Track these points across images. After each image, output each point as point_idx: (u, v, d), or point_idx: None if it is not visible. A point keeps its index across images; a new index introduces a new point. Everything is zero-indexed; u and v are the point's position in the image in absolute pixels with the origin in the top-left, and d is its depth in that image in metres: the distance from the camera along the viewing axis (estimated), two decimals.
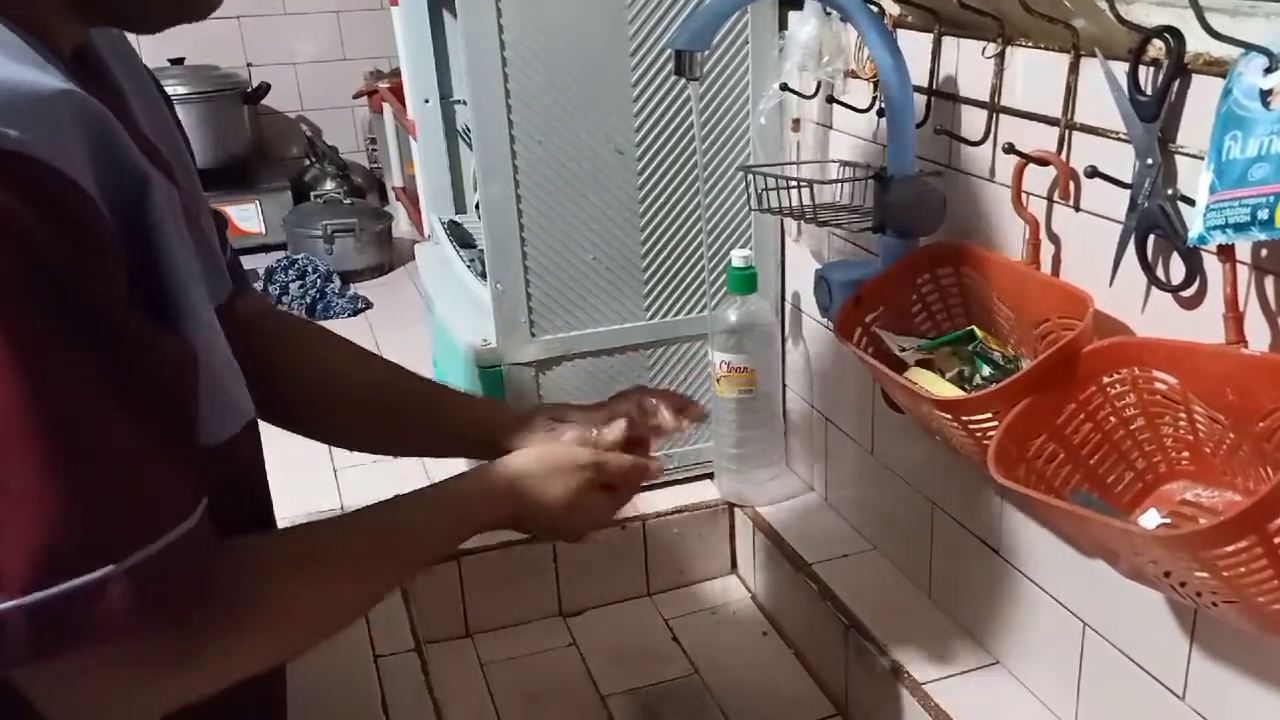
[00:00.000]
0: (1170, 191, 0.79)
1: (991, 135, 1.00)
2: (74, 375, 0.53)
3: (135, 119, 0.68)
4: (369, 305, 2.28)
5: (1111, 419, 0.86)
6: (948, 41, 1.04)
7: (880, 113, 1.13)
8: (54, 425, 0.52)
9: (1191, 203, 0.75)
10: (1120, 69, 0.82)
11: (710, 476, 1.50)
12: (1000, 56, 0.97)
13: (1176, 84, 0.78)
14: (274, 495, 0.83)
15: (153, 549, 0.55)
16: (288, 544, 0.72)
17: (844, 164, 1.19)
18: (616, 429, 0.93)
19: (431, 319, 1.75)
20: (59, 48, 0.60)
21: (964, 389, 0.97)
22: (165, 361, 0.60)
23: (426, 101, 1.97)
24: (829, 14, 1.16)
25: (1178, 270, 0.81)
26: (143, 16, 0.65)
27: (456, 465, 0.96)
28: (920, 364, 1.01)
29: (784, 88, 1.28)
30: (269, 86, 2.74)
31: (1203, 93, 0.76)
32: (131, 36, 0.74)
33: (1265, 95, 0.68)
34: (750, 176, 1.20)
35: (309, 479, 1.45)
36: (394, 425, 0.97)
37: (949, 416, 0.91)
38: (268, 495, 0.83)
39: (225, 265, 0.81)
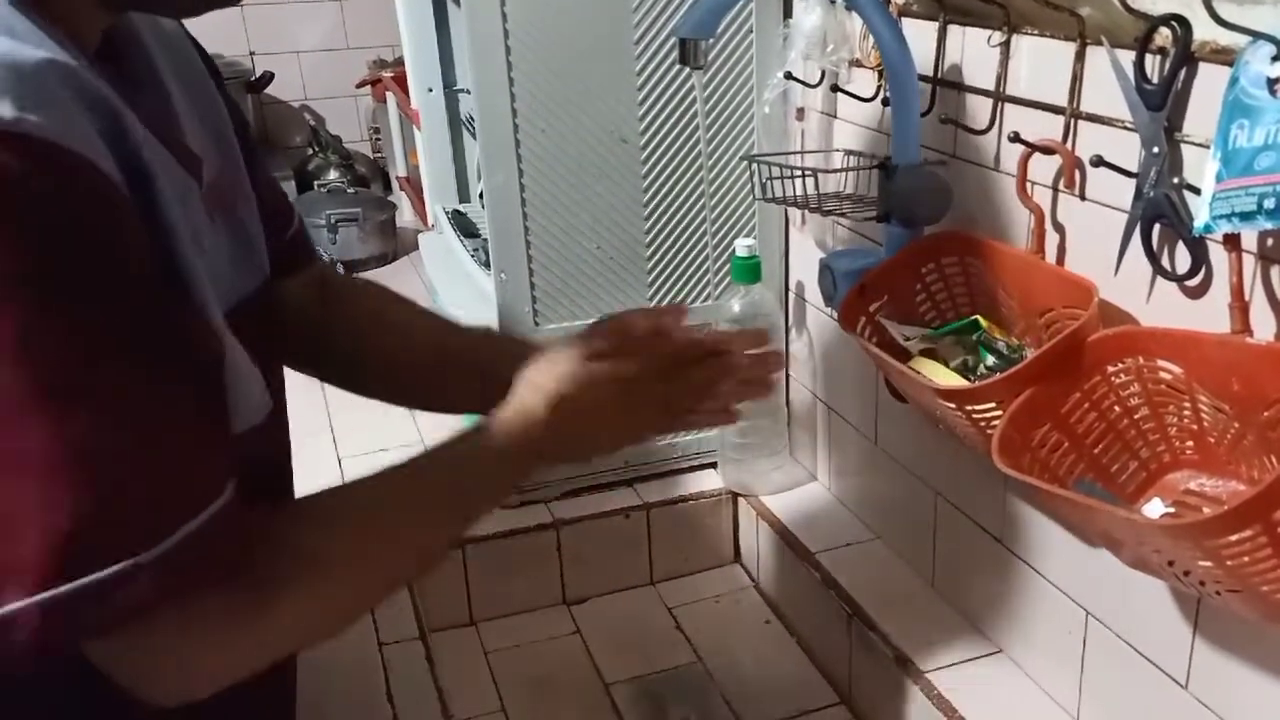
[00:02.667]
0: (1176, 180, 0.79)
1: (996, 124, 0.99)
2: (107, 360, 0.51)
3: (172, 112, 0.67)
4: None
5: (1116, 408, 0.86)
6: (953, 30, 1.04)
7: (885, 101, 1.12)
8: (79, 421, 0.50)
9: (1197, 191, 0.75)
10: (1126, 57, 0.82)
11: (714, 466, 1.50)
12: (1005, 45, 0.97)
13: (1183, 72, 0.78)
14: None
15: (185, 530, 0.54)
16: (353, 494, 0.71)
17: (848, 153, 1.19)
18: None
19: (435, 308, 1.75)
20: (82, 36, 0.58)
21: (968, 378, 0.97)
22: (199, 341, 0.59)
23: (430, 90, 1.97)
24: (834, 2, 1.16)
25: (1183, 259, 0.81)
26: (174, 1, 0.63)
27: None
28: (924, 353, 1.01)
29: (788, 76, 1.27)
30: (272, 75, 2.73)
31: (1209, 81, 0.76)
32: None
33: (1272, 83, 0.68)
34: (754, 166, 1.20)
35: (312, 470, 1.45)
36: (456, 380, 0.94)
37: (953, 406, 0.91)
38: (290, 488, 0.82)
39: (264, 249, 0.78)
